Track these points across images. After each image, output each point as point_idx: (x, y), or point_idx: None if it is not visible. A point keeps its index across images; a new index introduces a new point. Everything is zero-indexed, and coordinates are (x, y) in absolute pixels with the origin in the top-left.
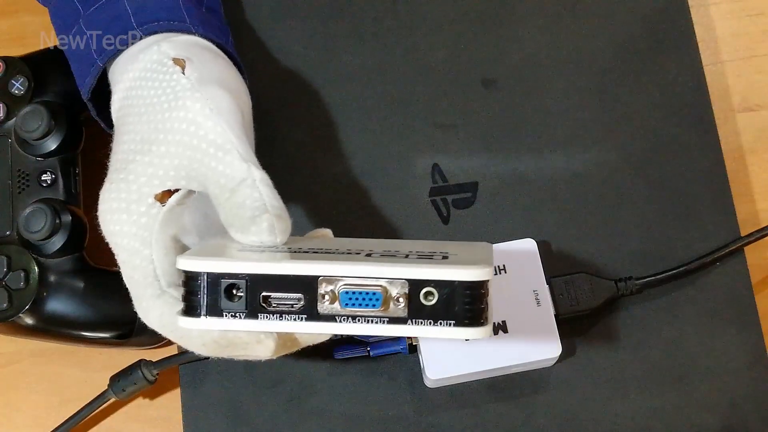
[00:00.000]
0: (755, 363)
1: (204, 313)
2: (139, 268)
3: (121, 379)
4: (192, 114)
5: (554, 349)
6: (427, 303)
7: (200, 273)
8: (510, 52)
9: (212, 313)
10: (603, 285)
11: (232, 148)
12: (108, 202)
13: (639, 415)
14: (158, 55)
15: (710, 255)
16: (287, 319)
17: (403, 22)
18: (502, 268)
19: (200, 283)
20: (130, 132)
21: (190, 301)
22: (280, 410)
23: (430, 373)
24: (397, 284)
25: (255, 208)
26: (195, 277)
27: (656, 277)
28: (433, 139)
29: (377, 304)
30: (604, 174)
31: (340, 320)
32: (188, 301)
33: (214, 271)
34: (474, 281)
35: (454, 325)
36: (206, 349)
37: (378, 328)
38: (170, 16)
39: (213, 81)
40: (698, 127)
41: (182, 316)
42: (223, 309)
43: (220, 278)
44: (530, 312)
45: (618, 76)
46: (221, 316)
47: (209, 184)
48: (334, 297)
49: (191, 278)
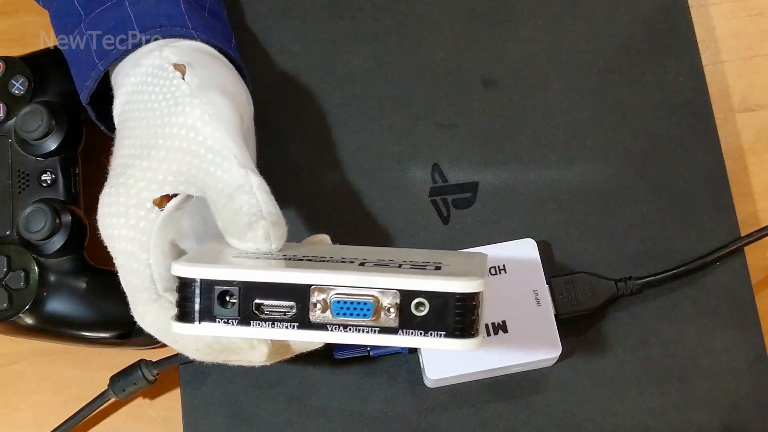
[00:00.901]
0: (755, 363)
1: (197, 319)
2: (137, 273)
3: (121, 379)
4: (191, 120)
5: (554, 349)
6: (418, 314)
7: (194, 279)
8: (510, 52)
9: (205, 319)
10: (603, 285)
11: (229, 154)
12: (107, 206)
13: (639, 415)
14: (159, 60)
15: (710, 255)
16: (279, 327)
17: (403, 22)
18: (502, 268)
19: (194, 290)
20: (130, 137)
21: (183, 306)
22: (280, 410)
23: (430, 373)
24: (389, 294)
25: (251, 215)
26: (189, 283)
27: (656, 277)
28: (433, 139)
29: (368, 314)
30: (604, 174)
31: (332, 329)
32: (182, 307)
33: (207, 278)
34: (465, 293)
35: (445, 336)
36: (200, 354)
37: (369, 338)
38: (172, 22)
39: (213, 87)
40: (698, 127)
41: (176, 322)
42: (216, 315)
43: (214, 285)
44: (530, 312)
45: (618, 76)
46: (214, 322)
47: (207, 189)
48: (326, 306)
49: (185, 284)
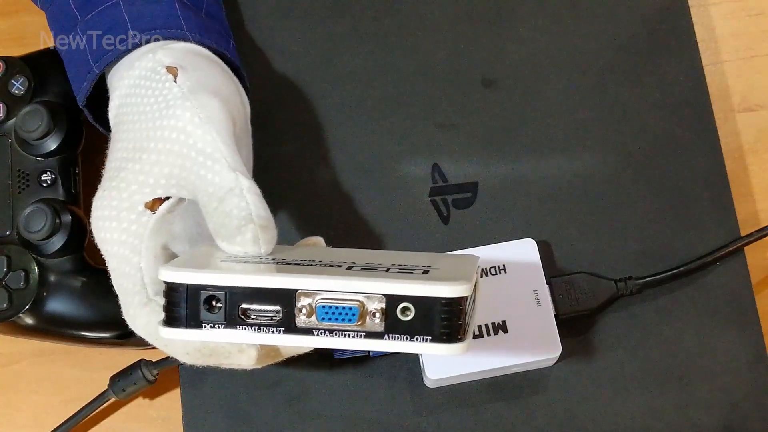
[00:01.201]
0: (755, 363)
1: (184, 324)
2: (128, 276)
3: (121, 379)
4: (182, 123)
5: (554, 349)
6: (404, 318)
7: (181, 284)
8: (510, 52)
9: (192, 324)
10: (603, 285)
11: (220, 157)
12: (100, 209)
13: (639, 415)
14: (153, 63)
15: (710, 255)
16: (265, 332)
17: (403, 22)
18: (502, 268)
19: (181, 294)
20: (123, 140)
21: (170, 311)
22: (280, 410)
23: (430, 373)
24: (374, 299)
25: (241, 218)
26: (176, 288)
27: (656, 277)
28: (433, 139)
29: (353, 318)
30: (604, 174)
31: (317, 333)
32: (169, 312)
33: (194, 283)
34: (451, 297)
35: (431, 341)
36: (190, 358)
37: (354, 343)
38: (167, 24)
39: (205, 89)
40: (698, 127)
41: (163, 327)
42: (202, 320)
43: (200, 290)
44: (530, 312)
45: (618, 76)
46: (201, 327)
47: (198, 192)
48: (311, 311)
49: (172, 289)
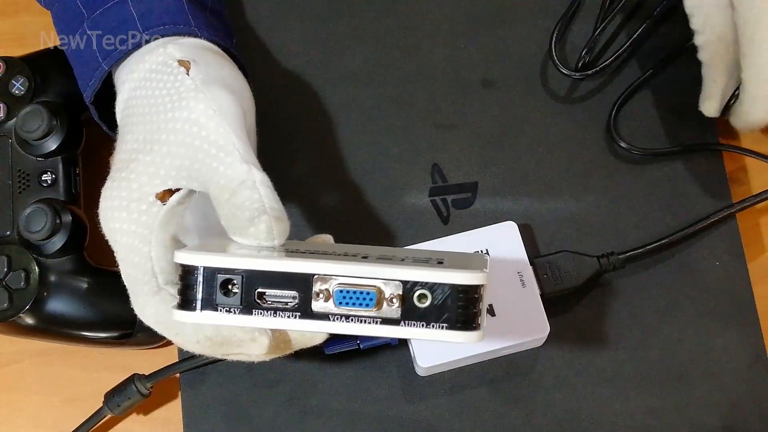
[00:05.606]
0: (755, 363)
1: (199, 307)
2: (138, 266)
3: (116, 395)
4: (195, 114)
5: (542, 329)
6: (421, 305)
7: (197, 267)
8: (510, 52)
9: (207, 307)
10: (586, 262)
11: (233, 150)
12: (109, 200)
13: (638, 415)
14: (164, 57)
15: (693, 226)
16: (281, 316)
17: (403, 22)
18: (485, 252)
19: (196, 277)
20: (134, 132)
21: (186, 294)
22: (280, 410)
23: (421, 361)
24: (392, 285)
25: (254, 210)
26: (192, 271)
27: (638, 251)
28: (433, 139)
29: (371, 304)
30: (604, 174)
31: (334, 319)
32: (184, 295)
33: (210, 266)
34: (468, 285)
35: (447, 328)
36: (200, 347)
37: (371, 329)
38: (175, 20)
39: (217, 82)
40: (698, 127)
41: (177, 310)
42: (218, 303)
43: (216, 273)
44: (516, 294)
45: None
46: (216, 310)
47: (210, 184)
48: (329, 295)
49: (188, 272)
